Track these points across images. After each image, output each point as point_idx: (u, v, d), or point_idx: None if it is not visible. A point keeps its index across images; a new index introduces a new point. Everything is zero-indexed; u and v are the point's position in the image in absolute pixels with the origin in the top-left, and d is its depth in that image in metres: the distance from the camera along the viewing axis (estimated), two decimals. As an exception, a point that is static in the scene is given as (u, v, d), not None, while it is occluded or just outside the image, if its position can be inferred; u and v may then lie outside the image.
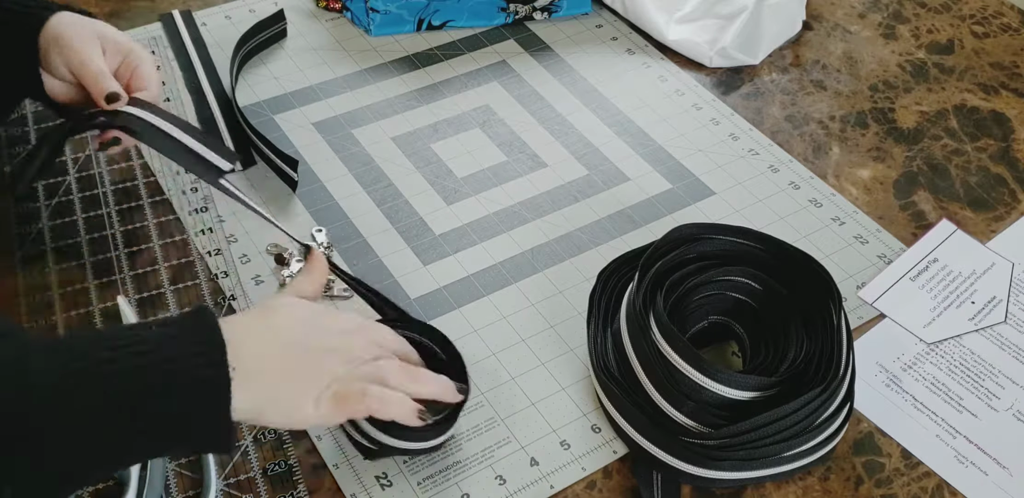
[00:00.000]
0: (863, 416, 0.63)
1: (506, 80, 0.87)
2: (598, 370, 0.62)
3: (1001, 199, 0.78)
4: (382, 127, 0.82)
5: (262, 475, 0.58)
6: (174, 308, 0.67)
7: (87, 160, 0.77)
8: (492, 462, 0.60)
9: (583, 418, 0.62)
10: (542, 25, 0.93)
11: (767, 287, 0.63)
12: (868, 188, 0.79)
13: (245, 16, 0.91)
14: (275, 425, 0.56)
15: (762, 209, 0.76)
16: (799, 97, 0.87)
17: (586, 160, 0.80)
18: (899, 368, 0.66)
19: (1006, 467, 0.61)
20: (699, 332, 0.65)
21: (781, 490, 0.59)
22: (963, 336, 0.68)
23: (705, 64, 0.89)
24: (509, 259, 0.72)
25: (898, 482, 0.60)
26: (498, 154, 0.80)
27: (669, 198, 0.77)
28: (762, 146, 0.82)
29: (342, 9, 0.92)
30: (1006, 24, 0.96)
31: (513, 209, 0.76)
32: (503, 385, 0.64)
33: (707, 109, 0.85)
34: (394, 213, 0.75)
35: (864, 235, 0.75)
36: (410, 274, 0.70)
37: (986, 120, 0.85)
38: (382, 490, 0.58)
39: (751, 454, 0.56)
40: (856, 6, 0.97)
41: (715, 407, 0.57)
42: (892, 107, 0.86)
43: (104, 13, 0.91)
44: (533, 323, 0.68)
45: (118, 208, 0.73)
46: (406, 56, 0.89)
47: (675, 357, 0.57)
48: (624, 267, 0.66)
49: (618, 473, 0.60)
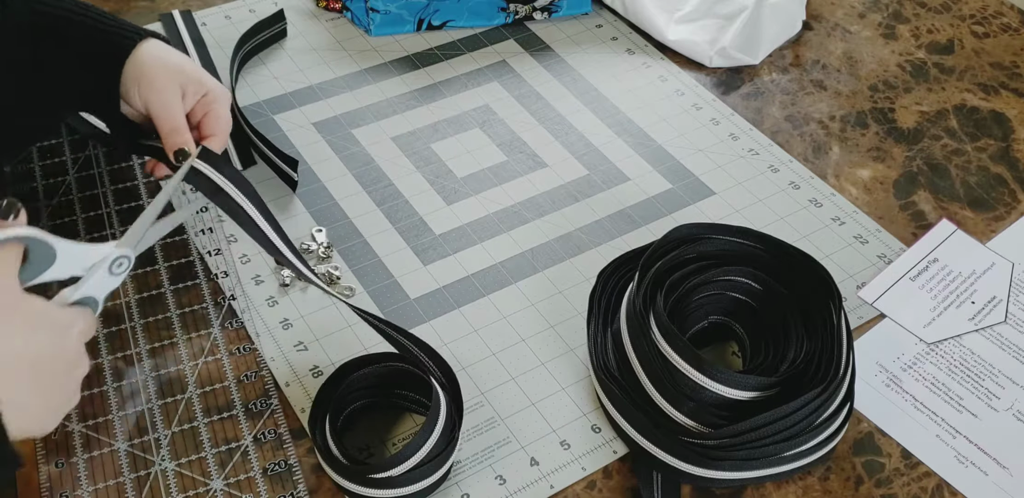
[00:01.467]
0: (863, 416, 0.63)
1: (506, 80, 0.87)
2: (598, 370, 0.62)
3: (1001, 199, 0.78)
4: (382, 127, 0.82)
5: (262, 475, 0.58)
6: (174, 308, 0.67)
7: (87, 160, 0.77)
8: (492, 462, 0.60)
9: (583, 418, 0.62)
10: (542, 25, 0.93)
11: (767, 287, 0.63)
12: (868, 188, 0.79)
13: (245, 16, 0.91)
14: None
15: (762, 209, 0.76)
16: (799, 97, 0.87)
17: (586, 160, 0.80)
18: (899, 368, 0.66)
19: (1006, 467, 0.61)
20: (699, 332, 0.65)
21: (781, 490, 0.59)
22: (963, 336, 0.68)
23: (705, 64, 0.89)
24: (509, 259, 0.72)
25: (898, 482, 0.60)
26: (498, 154, 0.80)
27: (669, 198, 0.77)
28: (762, 146, 0.82)
29: (342, 9, 0.92)
30: (1006, 24, 0.96)
31: (513, 209, 0.76)
32: (503, 385, 0.64)
33: (707, 109, 0.85)
34: (394, 213, 0.75)
35: (864, 235, 0.75)
36: (410, 274, 0.70)
37: (986, 120, 0.85)
38: (382, 490, 0.58)
39: (751, 454, 0.56)
40: (856, 6, 0.97)
41: (715, 407, 0.57)
42: (892, 107, 0.86)
43: (104, 13, 0.91)
44: (533, 323, 0.68)
45: (118, 208, 0.73)
46: (406, 56, 0.89)
47: (675, 357, 0.57)
48: (624, 267, 0.66)
49: (618, 473, 0.60)
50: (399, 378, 0.60)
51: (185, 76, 0.65)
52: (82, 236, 0.71)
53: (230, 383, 0.63)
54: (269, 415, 0.61)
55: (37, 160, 0.77)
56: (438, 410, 0.55)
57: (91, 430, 0.60)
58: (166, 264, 0.70)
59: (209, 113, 0.66)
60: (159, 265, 0.70)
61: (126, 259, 0.53)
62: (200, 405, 0.62)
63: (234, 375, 0.63)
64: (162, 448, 0.59)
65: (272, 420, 0.61)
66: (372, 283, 0.69)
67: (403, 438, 0.61)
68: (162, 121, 0.63)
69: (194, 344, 0.65)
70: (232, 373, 0.63)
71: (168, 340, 0.65)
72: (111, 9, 0.92)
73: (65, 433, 0.60)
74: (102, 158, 0.77)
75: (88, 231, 0.71)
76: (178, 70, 0.65)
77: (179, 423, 0.61)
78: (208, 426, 0.61)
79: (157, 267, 0.70)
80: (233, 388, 0.63)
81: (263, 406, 0.62)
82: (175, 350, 0.65)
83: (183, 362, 0.64)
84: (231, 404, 0.62)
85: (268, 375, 0.63)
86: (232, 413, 0.61)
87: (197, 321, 0.66)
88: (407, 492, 0.55)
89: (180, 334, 0.66)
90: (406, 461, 0.53)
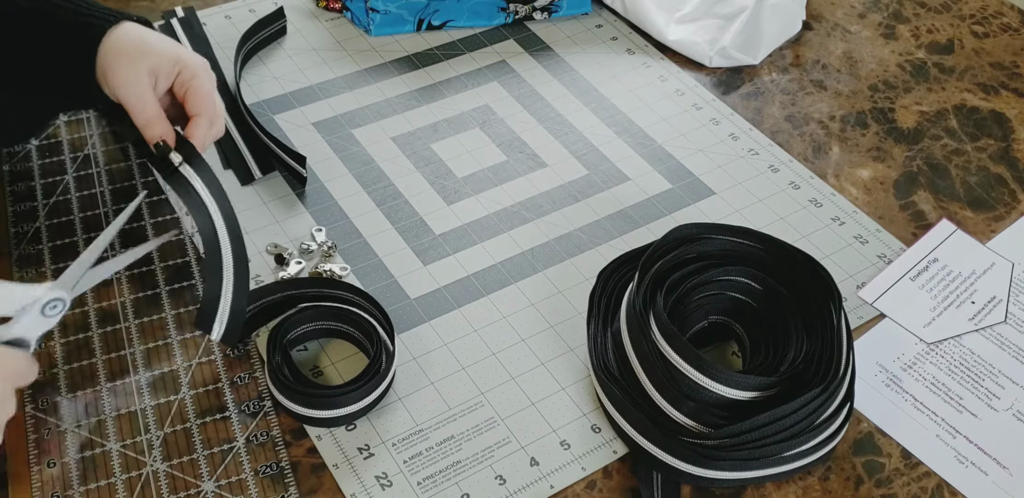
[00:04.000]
0: (863, 416, 0.63)
1: (506, 80, 0.87)
2: (598, 370, 0.61)
3: (1001, 199, 0.78)
4: (382, 127, 0.82)
5: (254, 476, 0.58)
6: (169, 308, 0.67)
7: (85, 159, 0.77)
8: (492, 462, 0.60)
9: (583, 418, 0.62)
10: (542, 25, 0.93)
11: (767, 287, 0.63)
12: (868, 188, 0.79)
13: (245, 16, 0.91)
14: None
15: (762, 209, 0.76)
16: (799, 97, 0.87)
17: (586, 160, 0.80)
18: (899, 368, 0.66)
19: (1006, 467, 0.61)
20: (699, 332, 0.65)
21: (781, 490, 0.59)
22: (963, 336, 0.68)
23: (705, 64, 0.89)
24: (509, 259, 0.72)
25: (898, 482, 0.60)
26: (498, 154, 0.80)
27: (669, 198, 0.77)
28: (762, 146, 0.82)
29: (342, 9, 0.92)
30: (1006, 24, 0.96)
31: (513, 209, 0.75)
32: (503, 385, 0.64)
33: (707, 109, 0.85)
34: (394, 213, 0.75)
35: (864, 235, 0.75)
36: (410, 274, 0.70)
37: (986, 120, 0.85)
38: (382, 490, 0.58)
39: (751, 454, 0.56)
40: (856, 6, 0.97)
41: (715, 407, 0.57)
42: (892, 107, 0.86)
43: (103, 13, 0.91)
44: (533, 323, 0.67)
45: (115, 208, 0.73)
46: (406, 56, 0.89)
47: (675, 357, 0.57)
48: (624, 267, 0.66)
49: (618, 473, 0.60)
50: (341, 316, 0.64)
51: (156, 56, 0.62)
52: (79, 235, 0.71)
53: (223, 384, 0.63)
54: (262, 417, 0.61)
55: (36, 159, 0.76)
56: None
57: (83, 430, 0.60)
58: (162, 264, 0.70)
59: (189, 90, 0.63)
60: (155, 266, 0.70)
61: (60, 302, 0.52)
62: (193, 406, 0.61)
63: (227, 377, 0.63)
64: (154, 449, 0.59)
65: (265, 422, 0.61)
66: (372, 283, 0.69)
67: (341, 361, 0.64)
68: (135, 114, 0.61)
69: (188, 345, 0.65)
70: (226, 375, 0.63)
71: (163, 341, 0.65)
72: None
73: (57, 433, 0.60)
74: (100, 157, 0.77)
75: (85, 230, 0.71)
76: (147, 52, 0.61)
77: (172, 424, 0.61)
78: (201, 427, 0.60)
79: (153, 267, 0.69)
80: (226, 389, 0.62)
81: (256, 408, 0.62)
82: (169, 351, 0.64)
83: (177, 363, 0.64)
84: (224, 406, 0.62)
85: (262, 376, 0.63)
86: (225, 415, 0.61)
87: (191, 322, 0.66)
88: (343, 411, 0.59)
89: (175, 335, 0.65)
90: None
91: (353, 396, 0.59)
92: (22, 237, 0.71)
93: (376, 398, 0.61)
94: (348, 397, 0.59)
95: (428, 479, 0.59)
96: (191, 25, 0.89)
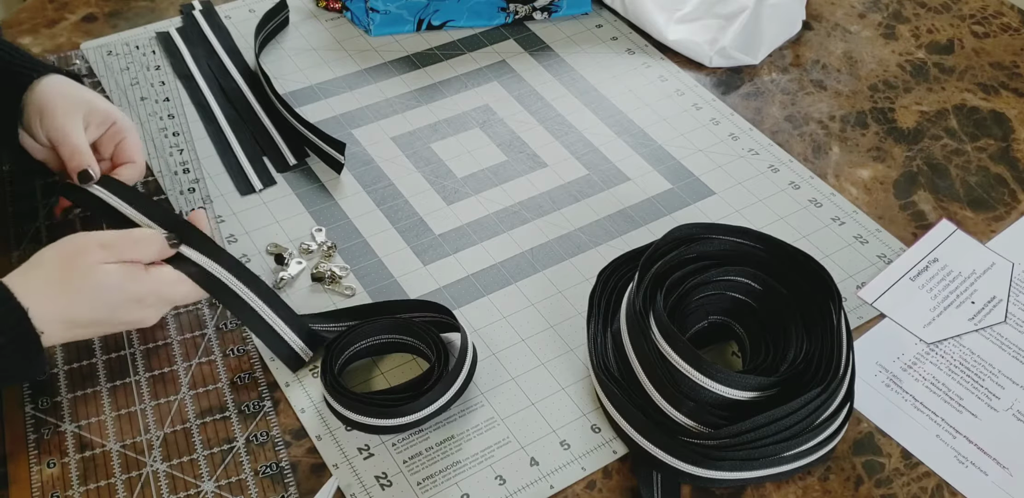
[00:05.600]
0: (863, 416, 0.63)
1: (506, 80, 0.87)
2: (598, 370, 0.61)
3: (1001, 199, 0.78)
4: (382, 127, 0.82)
5: (254, 476, 0.58)
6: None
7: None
8: (492, 462, 0.60)
9: (583, 418, 0.62)
10: (542, 25, 0.93)
11: (767, 287, 0.63)
12: (868, 188, 0.79)
13: (245, 16, 0.91)
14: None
15: (762, 209, 0.76)
16: (799, 97, 0.87)
17: (586, 160, 0.80)
18: (899, 368, 0.66)
19: (1006, 467, 0.61)
20: (699, 332, 0.65)
21: (781, 490, 0.59)
22: (963, 336, 0.68)
23: (705, 64, 0.89)
24: (509, 259, 0.72)
25: (898, 482, 0.60)
26: (498, 154, 0.80)
27: (669, 198, 0.77)
28: (762, 146, 0.82)
29: (342, 9, 0.92)
30: (1006, 24, 0.96)
31: (513, 209, 0.76)
32: (503, 385, 0.64)
33: (707, 109, 0.85)
34: (394, 213, 0.75)
35: (864, 235, 0.75)
36: (410, 274, 0.70)
37: (986, 120, 0.85)
38: (382, 490, 0.58)
39: (751, 454, 0.56)
40: (856, 6, 0.97)
41: (715, 407, 0.57)
42: (892, 107, 0.86)
43: (104, 13, 0.91)
44: (533, 323, 0.68)
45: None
46: (406, 56, 0.89)
47: (675, 357, 0.57)
48: (624, 267, 0.66)
49: (618, 473, 0.60)
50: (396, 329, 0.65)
51: (90, 107, 0.66)
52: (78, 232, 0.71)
53: (223, 385, 0.63)
54: (262, 417, 0.61)
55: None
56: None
57: (83, 430, 0.60)
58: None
59: (121, 142, 0.67)
60: (158, 265, 0.70)
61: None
62: (193, 406, 0.62)
63: (227, 377, 0.63)
64: (154, 449, 0.59)
65: (265, 422, 0.61)
66: (372, 283, 0.69)
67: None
68: (62, 146, 0.64)
69: (188, 345, 0.65)
70: (226, 375, 0.63)
71: (163, 341, 0.65)
72: (110, 9, 0.92)
73: (58, 433, 0.60)
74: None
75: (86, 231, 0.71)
76: (81, 100, 0.66)
77: (172, 424, 0.61)
78: (201, 428, 0.61)
79: (156, 267, 0.69)
80: (226, 390, 0.62)
81: (256, 408, 0.62)
82: (169, 351, 0.64)
83: (177, 363, 0.64)
84: (224, 406, 0.62)
85: (262, 377, 0.63)
86: (225, 415, 0.61)
87: (192, 322, 0.66)
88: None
89: (175, 335, 0.65)
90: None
91: (432, 395, 0.60)
92: (23, 237, 0.71)
93: (456, 393, 0.61)
94: (425, 399, 0.59)
95: (428, 479, 0.59)
96: (212, 17, 0.90)
